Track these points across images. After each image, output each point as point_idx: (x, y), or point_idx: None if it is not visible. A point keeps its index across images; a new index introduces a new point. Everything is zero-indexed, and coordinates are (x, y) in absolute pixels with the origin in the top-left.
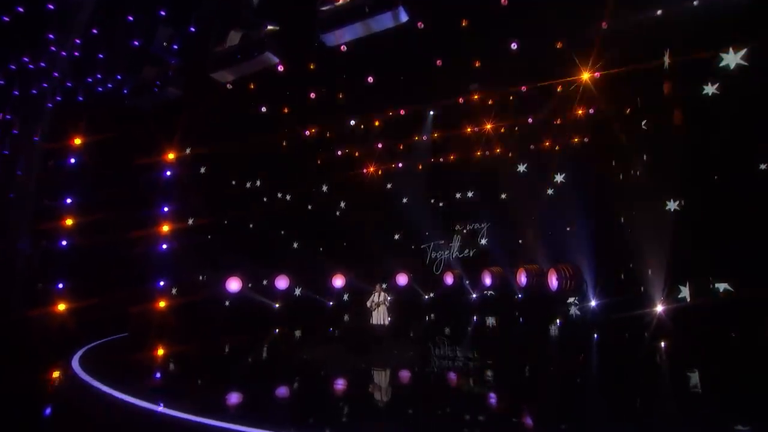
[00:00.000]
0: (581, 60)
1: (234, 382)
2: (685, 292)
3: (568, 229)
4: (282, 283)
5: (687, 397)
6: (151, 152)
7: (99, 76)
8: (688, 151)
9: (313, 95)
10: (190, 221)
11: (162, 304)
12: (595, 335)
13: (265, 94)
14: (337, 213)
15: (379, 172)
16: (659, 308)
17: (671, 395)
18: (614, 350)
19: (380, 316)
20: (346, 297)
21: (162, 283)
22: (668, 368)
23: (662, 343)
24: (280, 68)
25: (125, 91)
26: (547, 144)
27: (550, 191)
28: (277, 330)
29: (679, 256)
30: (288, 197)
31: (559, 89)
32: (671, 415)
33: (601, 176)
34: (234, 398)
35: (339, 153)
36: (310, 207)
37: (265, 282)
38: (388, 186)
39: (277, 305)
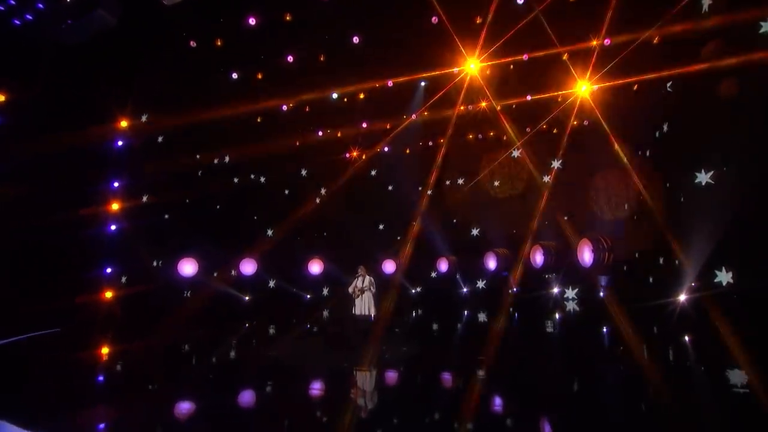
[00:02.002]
0: (594, 19)
1: (171, 391)
2: (722, 276)
3: (565, 218)
4: (248, 267)
5: None
6: (96, 113)
7: (12, 2)
8: (730, 106)
9: (290, 58)
10: (144, 198)
11: (108, 294)
12: (605, 330)
13: (235, 55)
14: (317, 200)
15: (363, 157)
16: (684, 297)
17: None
18: (654, 351)
19: (364, 305)
20: (326, 291)
21: (109, 270)
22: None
23: (688, 338)
24: (252, 21)
25: (51, 25)
26: (545, 126)
27: (546, 178)
28: (247, 325)
29: (714, 235)
30: (262, 179)
31: (565, 57)
32: None
33: (608, 155)
34: (166, 413)
35: (320, 134)
36: (287, 192)
37: (233, 273)
38: (373, 173)
39: (247, 297)
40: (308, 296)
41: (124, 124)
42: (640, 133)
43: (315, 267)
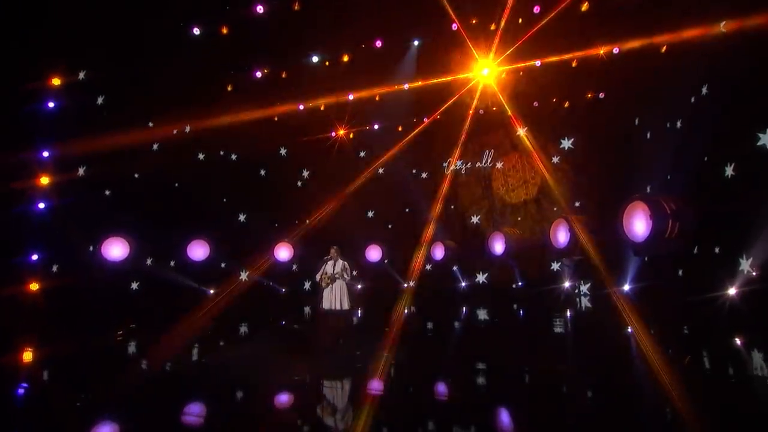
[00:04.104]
0: None
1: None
2: None
3: (576, 204)
4: (198, 252)
5: None
6: (20, 68)
7: None
8: None
9: (260, 8)
10: (81, 171)
11: (34, 286)
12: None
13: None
14: (299, 183)
15: (351, 136)
16: (734, 290)
17: None
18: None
19: (335, 297)
20: (307, 286)
21: (35, 257)
22: None
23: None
24: None
25: None
26: (555, 100)
27: (555, 159)
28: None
29: None
30: (233, 156)
31: (584, 7)
32: None
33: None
34: None
35: (301, 107)
36: (263, 173)
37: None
38: (361, 154)
39: (212, 291)
40: (284, 290)
41: (56, 81)
42: (670, 100)
43: (283, 252)
